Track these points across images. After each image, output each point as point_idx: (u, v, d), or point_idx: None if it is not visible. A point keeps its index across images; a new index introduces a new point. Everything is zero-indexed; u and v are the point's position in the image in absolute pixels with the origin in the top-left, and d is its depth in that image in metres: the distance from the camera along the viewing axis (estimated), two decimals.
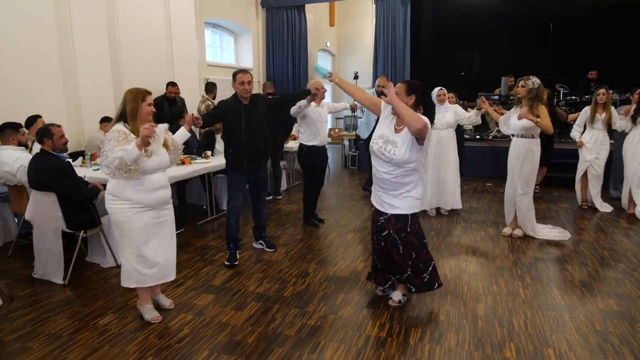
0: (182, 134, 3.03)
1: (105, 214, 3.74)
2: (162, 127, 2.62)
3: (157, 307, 3.00)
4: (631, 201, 5.32)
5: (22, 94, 4.76)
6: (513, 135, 4.35)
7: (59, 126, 3.48)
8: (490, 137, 8.04)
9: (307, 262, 3.90)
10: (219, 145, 5.59)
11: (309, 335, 2.70)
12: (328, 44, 12.12)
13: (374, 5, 9.26)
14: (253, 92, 3.74)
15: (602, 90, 5.31)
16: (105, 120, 5.51)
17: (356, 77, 8.43)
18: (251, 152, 3.68)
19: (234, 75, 3.68)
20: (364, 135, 5.98)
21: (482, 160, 7.45)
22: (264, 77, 9.76)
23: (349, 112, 5.52)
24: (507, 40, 10.62)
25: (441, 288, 3.09)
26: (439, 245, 4.29)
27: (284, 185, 6.64)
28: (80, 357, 2.49)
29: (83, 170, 4.36)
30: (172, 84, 6.44)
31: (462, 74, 9.80)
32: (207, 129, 5.68)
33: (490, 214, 5.36)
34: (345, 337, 2.67)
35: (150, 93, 2.73)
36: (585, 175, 5.53)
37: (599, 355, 2.48)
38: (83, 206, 3.53)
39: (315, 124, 4.70)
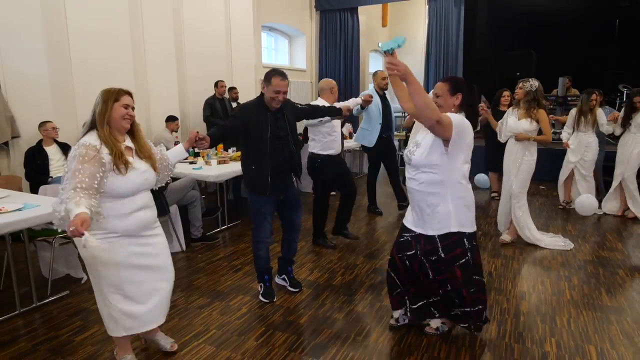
0: (179, 152, 2.50)
1: (174, 203, 4.17)
2: (92, 240, 1.73)
3: (157, 349, 2.53)
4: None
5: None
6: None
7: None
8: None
9: (356, 255, 4.11)
10: None
11: (355, 320, 2.91)
12: (380, 44, 12.21)
13: (427, 6, 9.28)
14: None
15: (593, 96, 5.26)
16: (170, 120, 6.10)
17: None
18: (277, 168, 3.00)
19: (269, 76, 2.90)
20: (370, 142, 5.07)
21: (537, 163, 7.27)
22: (317, 79, 10.05)
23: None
24: (567, 38, 10.27)
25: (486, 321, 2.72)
26: (486, 244, 4.35)
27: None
28: None
29: None
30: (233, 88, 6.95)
31: (518, 74, 9.56)
32: None
33: (541, 217, 5.31)
34: (389, 323, 2.86)
35: (128, 93, 2.20)
36: (570, 176, 5.58)
37: None
38: (154, 195, 3.94)
39: (333, 130, 4.07)
